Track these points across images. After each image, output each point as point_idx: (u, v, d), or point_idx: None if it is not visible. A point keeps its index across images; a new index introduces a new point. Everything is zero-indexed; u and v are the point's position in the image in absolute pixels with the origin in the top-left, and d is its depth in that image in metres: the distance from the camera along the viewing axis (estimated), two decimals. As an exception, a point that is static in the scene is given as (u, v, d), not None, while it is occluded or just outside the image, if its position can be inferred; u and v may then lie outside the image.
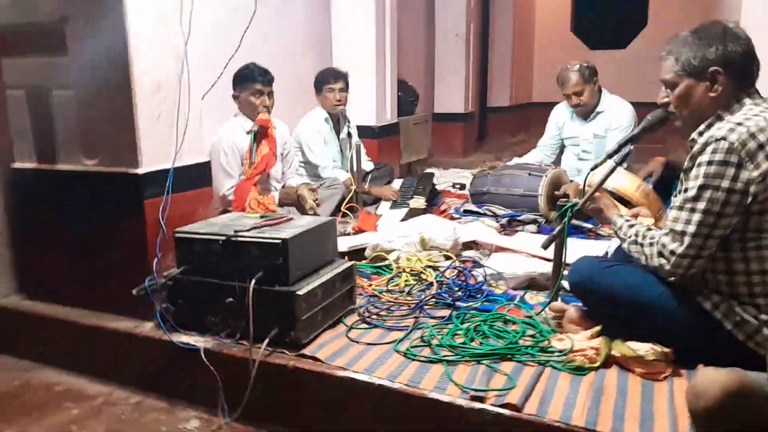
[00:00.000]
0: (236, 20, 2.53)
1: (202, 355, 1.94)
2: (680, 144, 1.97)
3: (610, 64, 8.59)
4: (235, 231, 2.02)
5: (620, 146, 2.06)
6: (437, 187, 4.21)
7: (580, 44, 9.14)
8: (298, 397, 1.88)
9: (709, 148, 1.60)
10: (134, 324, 2.21)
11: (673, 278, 1.73)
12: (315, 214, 3.07)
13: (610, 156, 2.08)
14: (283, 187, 3.51)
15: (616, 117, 3.70)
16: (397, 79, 4.86)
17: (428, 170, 4.96)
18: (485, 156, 6.74)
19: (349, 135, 3.76)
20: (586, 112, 3.81)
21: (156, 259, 2.07)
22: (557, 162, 4.10)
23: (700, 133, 1.72)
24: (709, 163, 1.59)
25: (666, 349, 1.76)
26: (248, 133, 3.22)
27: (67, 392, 2.18)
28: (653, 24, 8.61)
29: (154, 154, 2.10)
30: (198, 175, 2.27)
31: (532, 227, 3.26)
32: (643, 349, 1.78)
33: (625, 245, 1.85)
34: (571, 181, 3.58)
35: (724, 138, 1.58)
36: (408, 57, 5.59)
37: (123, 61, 1.97)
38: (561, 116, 4.02)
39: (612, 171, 2.05)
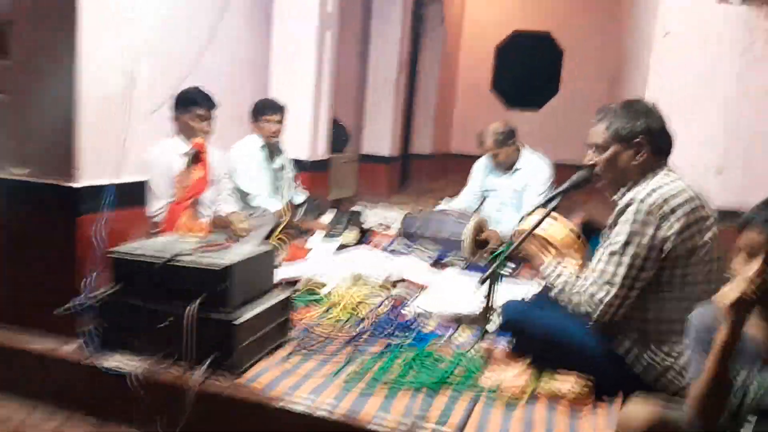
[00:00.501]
0: (185, 41, 2.53)
1: (131, 381, 1.86)
2: (602, 201, 2.18)
3: (524, 124, 9.20)
4: (175, 254, 1.98)
5: (548, 201, 2.23)
6: (365, 225, 4.29)
7: (497, 102, 9.74)
8: (237, 426, 1.84)
9: (631, 209, 1.80)
10: (54, 345, 2.07)
11: (596, 323, 1.88)
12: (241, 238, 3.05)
13: (538, 207, 2.24)
14: (214, 213, 3.45)
15: (534, 175, 3.97)
16: (331, 118, 4.96)
17: (356, 207, 5.04)
18: (407, 198, 6.94)
19: (282, 167, 3.77)
20: (506, 168, 4.09)
21: (86, 279, 1.97)
22: (479, 210, 4.32)
23: (622, 195, 1.92)
24: (633, 222, 1.79)
25: (589, 380, 1.90)
26: (183, 155, 3.16)
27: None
28: (565, 91, 9.36)
29: (93, 169, 2.03)
30: (138, 194, 2.21)
31: (457, 268, 3.40)
32: (567, 385, 1.91)
33: (553, 293, 2.00)
34: (491, 229, 3.79)
35: (643, 200, 1.79)
36: (340, 96, 5.72)
37: (69, 70, 1.91)
38: (483, 169, 4.28)
39: (538, 223, 2.20)
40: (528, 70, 9.57)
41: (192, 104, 3.09)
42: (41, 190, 2.00)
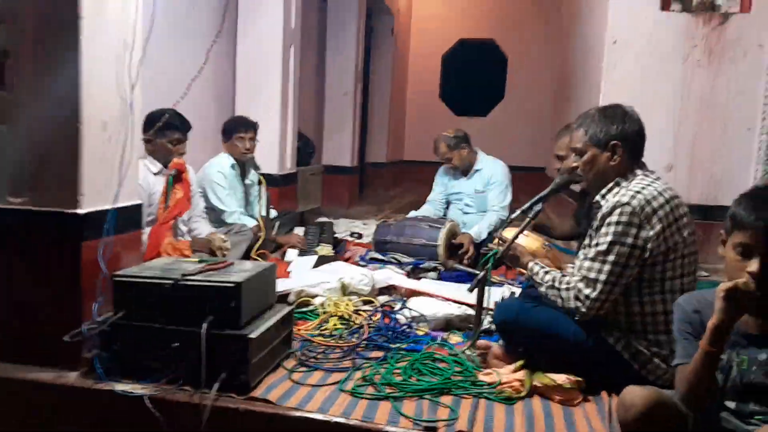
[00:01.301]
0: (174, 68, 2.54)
1: (147, 402, 1.88)
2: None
3: (472, 130, 9.49)
4: (183, 275, 2.01)
5: (532, 204, 2.39)
6: (337, 236, 4.37)
7: (446, 110, 9.99)
8: (252, 441, 1.89)
9: (617, 211, 1.96)
10: (56, 374, 2.05)
11: (584, 318, 2.04)
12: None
13: (523, 212, 2.40)
14: (190, 231, 3.46)
15: (493, 174, 4.22)
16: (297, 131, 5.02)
17: (323, 219, 5.11)
18: (368, 207, 7.06)
19: (260, 182, 3.81)
20: (464, 171, 4.30)
21: (95, 304, 1.98)
22: (445, 216, 4.48)
23: (603, 196, 2.09)
24: (618, 223, 1.96)
25: (578, 378, 2.06)
26: (156, 174, 3.16)
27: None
28: (510, 97, 9.70)
29: (95, 195, 2.04)
30: (133, 217, 2.22)
31: (433, 274, 3.53)
32: (560, 378, 2.06)
33: (542, 289, 2.15)
34: (463, 233, 3.96)
35: (628, 203, 1.96)
36: (302, 111, 5.78)
37: (73, 100, 1.92)
38: (444, 175, 4.49)
39: (528, 224, 2.36)
40: (474, 77, 9.87)
41: (170, 128, 3.11)
42: (44, 217, 1.99)
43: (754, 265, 1.40)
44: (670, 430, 1.53)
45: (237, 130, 3.82)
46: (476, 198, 4.29)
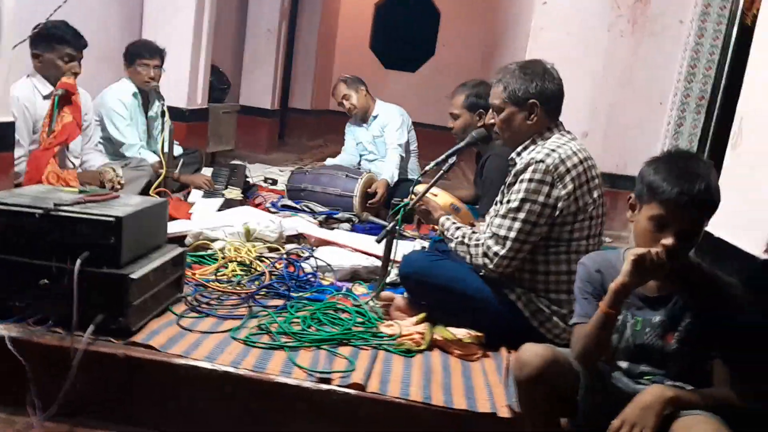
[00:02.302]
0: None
1: (8, 343, 1.67)
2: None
3: (400, 84, 9.39)
4: (56, 204, 1.79)
5: (447, 157, 2.32)
6: (249, 180, 4.16)
7: (376, 61, 9.76)
8: (130, 389, 1.73)
9: (530, 168, 1.92)
10: None
11: (491, 275, 2.01)
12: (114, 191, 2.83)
13: (437, 164, 2.33)
14: (82, 164, 3.15)
15: (388, 117, 4.23)
16: (211, 65, 4.68)
17: (235, 162, 4.85)
18: (287, 155, 6.82)
19: (163, 114, 3.51)
20: (363, 118, 4.28)
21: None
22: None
23: (518, 154, 2.05)
24: (530, 180, 1.92)
25: (479, 334, 2.04)
26: (46, 97, 2.83)
27: None
28: (440, 54, 9.60)
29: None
30: (5, 137, 1.95)
31: (347, 225, 3.44)
32: (461, 333, 2.04)
33: (452, 245, 2.10)
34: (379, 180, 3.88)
35: (542, 161, 1.92)
36: (219, 44, 5.40)
37: None
38: (350, 126, 4.47)
39: (440, 177, 2.30)
40: (405, 30, 9.69)
41: (60, 42, 2.79)
42: None
43: (669, 240, 1.37)
44: (563, 388, 1.52)
45: (141, 56, 3.49)
46: (376, 143, 4.32)
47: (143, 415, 1.75)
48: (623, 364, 1.54)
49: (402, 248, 2.91)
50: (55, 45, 2.77)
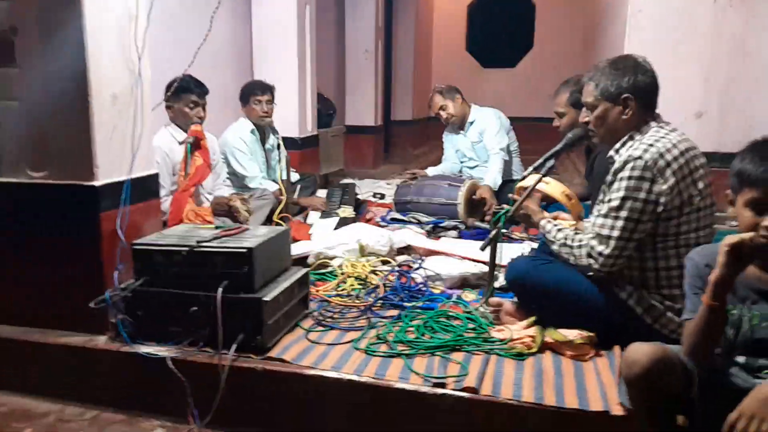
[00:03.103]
0: (183, 35, 2.55)
1: (170, 363, 1.98)
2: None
3: (500, 82, 9.33)
4: (198, 242, 2.08)
5: (545, 159, 2.36)
6: (359, 197, 4.40)
7: (474, 62, 9.77)
8: (270, 398, 1.97)
9: (629, 166, 1.92)
10: (86, 339, 2.17)
11: (597, 274, 2.03)
12: (246, 222, 3.15)
13: (536, 168, 2.37)
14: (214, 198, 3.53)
15: (485, 122, 4.23)
16: (316, 93, 5.01)
17: (347, 180, 5.14)
18: (393, 167, 7.05)
19: (278, 146, 3.84)
20: (460, 125, 4.32)
21: (116, 272, 2.07)
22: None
23: (616, 151, 2.05)
24: (629, 178, 1.91)
25: (590, 334, 2.06)
26: (181, 143, 3.22)
27: (13, 413, 2.10)
28: (539, 46, 9.41)
29: (109, 167, 2.10)
30: (149, 187, 2.29)
31: (454, 233, 3.54)
32: (572, 334, 2.07)
33: (555, 247, 2.14)
34: (482, 186, 3.94)
35: (640, 157, 1.91)
36: (322, 71, 5.75)
37: (81, 74, 1.96)
38: (447, 134, 4.53)
39: (537, 182, 2.34)
40: (501, 27, 9.59)
41: (185, 91, 3.15)
42: (62, 190, 2.07)
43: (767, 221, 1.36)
44: (675, 385, 1.53)
45: (253, 93, 3.85)
46: (475, 149, 4.34)
47: (283, 422, 1.98)
48: (741, 359, 1.51)
49: (511, 252, 2.99)
50: (181, 95, 3.16)
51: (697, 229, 1.97)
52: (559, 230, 2.15)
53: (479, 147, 4.29)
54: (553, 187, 2.33)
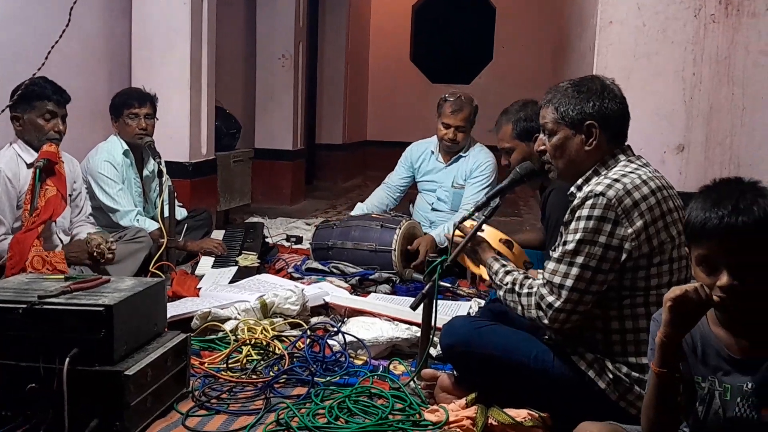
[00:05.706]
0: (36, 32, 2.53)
1: (-7, 460, 1.90)
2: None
3: (453, 101, 9.60)
4: (39, 297, 2.03)
5: (489, 199, 2.46)
6: (268, 240, 4.40)
7: (420, 76, 10.04)
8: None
9: (588, 203, 2.02)
10: None
11: (550, 335, 2.11)
12: (106, 264, 3.10)
13: (478, 209, 2.47)
14: (72, 239, 3.45)
15: (479, 166, 4.27)
16: (215, 106, 5.03)
17: (253, 219, 5.13)
18: (316, 203, 7.10)
19: (160, 173, 3.80)
20: (451, 154, 4.34)
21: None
22: (407, 211, 4.54)
23: (579, 188, 2.15)
24: (588, 218, 2.01)
25: (543, 414, 2.13)
26: (29, 166, 3.15)
27: None
28: (499, 59, 9.78)
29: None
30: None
31: (386, 287, 3.60)
32: (521, 415, 2.13)
33: (500, 293, 2.20)
34: (425, 233, 4.02)
35: (602, 194, 2.01)
36: (224, 80, 5.78)
37: None
38: (419, 155, 4.50)
39: (482, 223, 2.42)
40: (454, 34, 9.89)
41: (39, 98, 3.10)
42: None
43: (724, 278, 1.46)
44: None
45: (127, 105, 3.80)
46: (452, 194, 4.33)
47: None
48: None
49: (454, 312, 3.06)
50: (34, 103, 3.10)
51: (670, 284, 2.06)
52: (508, 272, 2.21)
53: (459, 193, 4.28)
54: (488, 234, 2.43)
